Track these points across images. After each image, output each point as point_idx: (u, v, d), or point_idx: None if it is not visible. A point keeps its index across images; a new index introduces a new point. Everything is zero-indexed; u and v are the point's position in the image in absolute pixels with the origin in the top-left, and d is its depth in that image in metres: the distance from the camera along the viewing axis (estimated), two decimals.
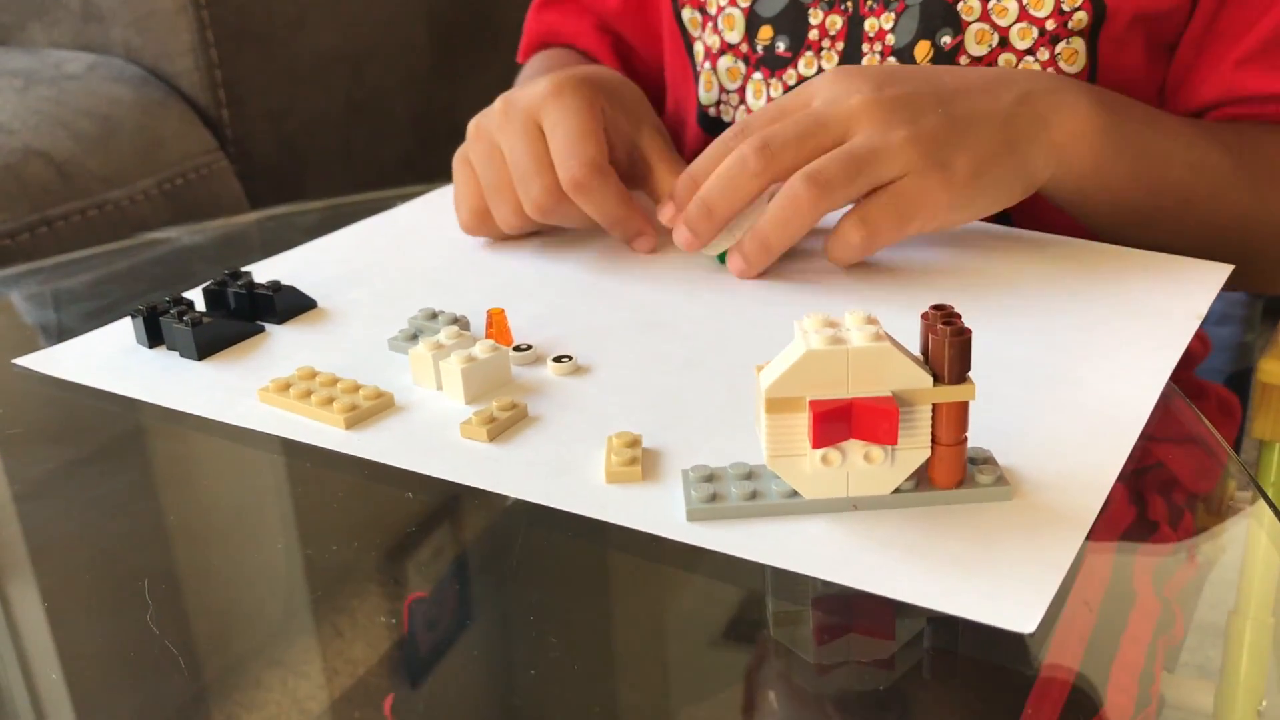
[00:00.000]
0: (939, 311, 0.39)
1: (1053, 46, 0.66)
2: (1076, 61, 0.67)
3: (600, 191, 0.60)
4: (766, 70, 0.74)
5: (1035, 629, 0.34)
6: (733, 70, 0.76)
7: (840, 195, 0.55)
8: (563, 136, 0.60)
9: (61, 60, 1.15)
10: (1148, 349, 0.51)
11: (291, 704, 0.35)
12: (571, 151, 0.60)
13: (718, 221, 0.58)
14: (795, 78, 0.73)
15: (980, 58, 0.67)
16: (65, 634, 0.39)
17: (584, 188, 0.60)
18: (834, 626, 0.37)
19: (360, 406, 0.48)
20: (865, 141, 0.55)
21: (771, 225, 0.57)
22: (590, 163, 0.60)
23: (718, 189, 0.58)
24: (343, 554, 0.41)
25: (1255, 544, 0.44)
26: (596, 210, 0.61)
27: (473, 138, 0.64)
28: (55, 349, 0.57)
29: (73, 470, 0.49)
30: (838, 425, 0.38)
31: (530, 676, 0.35)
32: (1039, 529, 0.39)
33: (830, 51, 0.72)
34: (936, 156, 0.55)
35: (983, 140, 0.57)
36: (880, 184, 0.56)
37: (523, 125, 0.62)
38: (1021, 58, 0.67)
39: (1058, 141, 0.58)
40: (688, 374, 0.51)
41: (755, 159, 0.56)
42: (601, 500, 0.42)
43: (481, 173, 0.64)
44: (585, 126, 0.60)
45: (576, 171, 0.59)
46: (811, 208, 0.55)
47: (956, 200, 0.56)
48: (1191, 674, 0.40)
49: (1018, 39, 0.67)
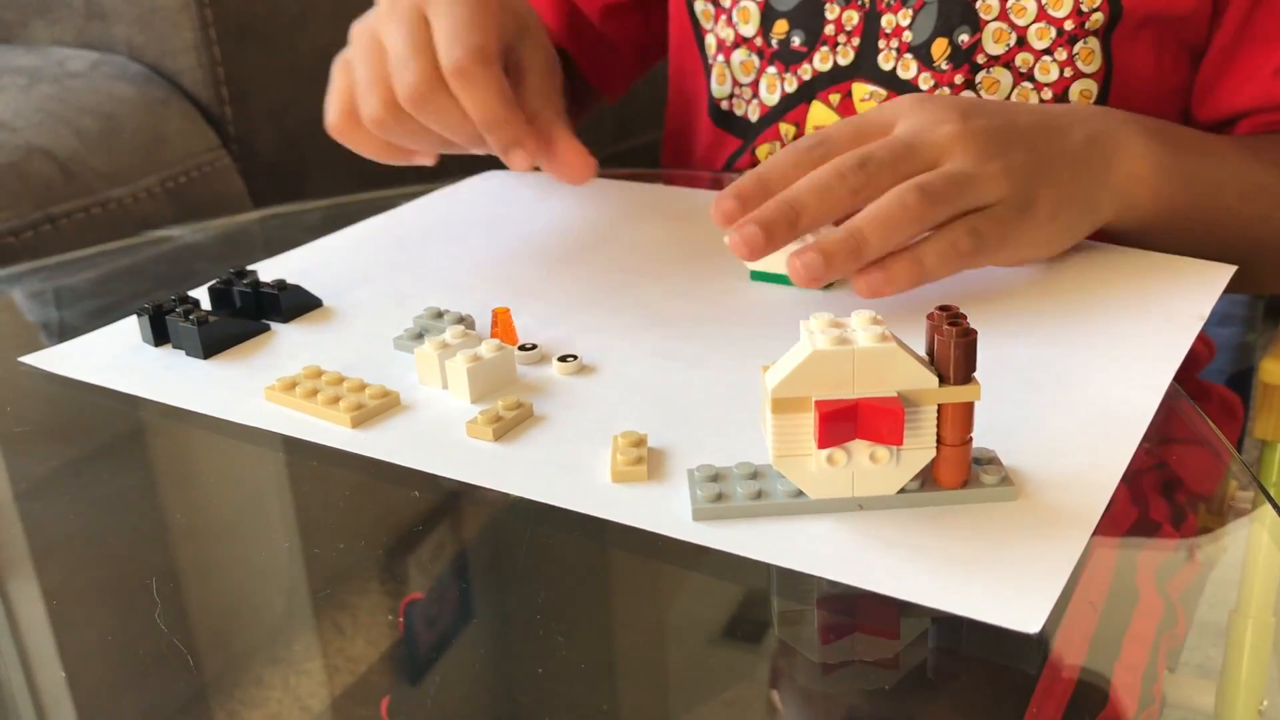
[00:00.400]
0: (945, 312, 0.39)
1: (1070, 46, 0.67)
2: (1093, 61, 0.67)
3: (482, 82, 0.57)
4: (781, 64, 0.74)
5: (1040, 629, 0.35)
6: (746, 64, 0.76)
7: (943, 211, 0.53)
8: (448, 21, 0.58)
9: (64, 58, 1.15)
10: (1151, 350, 0.51)
11: (294, 702, 0.35)
12: (456, 36, 0.57)
13: (799, 229, 0.54)
14: (810, 72, 0.73)
15: (997, 56, 0.68)
16: (69, 631, 0.39)
17: (466, 75, 0.57)
18: (839, 626, 0.37)
19: (366, 405, 0.48)
20: (963, 167, 0.54)
21: (873, 228, 0.53)
22: (476, 50, 0.57)
23: (809, 194, 0.54)
24: (348, 552, 0.42)
25: (1257, 544, 0.44)
26: (475, 104, 0.58)
27: (354, 36, 0.62)
28: (61, 347, 0.57)
29: (78, 468, 0.49)
30: (843, 425, 0.38)
31: (536, 675, 0.35)
32: (1044, 529, 0.39)
33: (846, 47, 0.72)
34: (1024, 192, 0.55)
35: (1062, 181, 0.56)
36: (974, 209, 0.54)
37: (406, 13, 0.59)
38: (1039, 57, 0.67)
39: (1120, 184, 0.58)
40: (693, 373, 0.51)
41: (854, 175, 0.53)
42: (607, 500, 0.42)
43: (357, 66, 0.60)
44: (475, 16, 0.58)
45: (460, 56, 0.56)
46: (918, 217, 0.53)
47: (1038, 239, 0.56)
48: (1193, 673, 0.40)
49: (1035, 39, 0.67)
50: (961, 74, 0.69)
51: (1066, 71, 0.67)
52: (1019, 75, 0.68)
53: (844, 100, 0.73)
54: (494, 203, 0.75)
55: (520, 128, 0.60)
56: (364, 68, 0.60)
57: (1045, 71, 0.68)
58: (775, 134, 0.76)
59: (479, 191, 0.77)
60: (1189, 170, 0.60)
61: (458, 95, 0.57)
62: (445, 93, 0.57)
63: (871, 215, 0.53)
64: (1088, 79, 0.68)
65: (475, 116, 0.58)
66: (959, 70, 0.69)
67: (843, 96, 0.73)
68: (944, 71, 0.69)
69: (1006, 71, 0.68)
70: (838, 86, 0.73)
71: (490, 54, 0.57)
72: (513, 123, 0.59)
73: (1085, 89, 0.68)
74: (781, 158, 0.56)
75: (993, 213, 0.54)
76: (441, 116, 0.59)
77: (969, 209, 0.54)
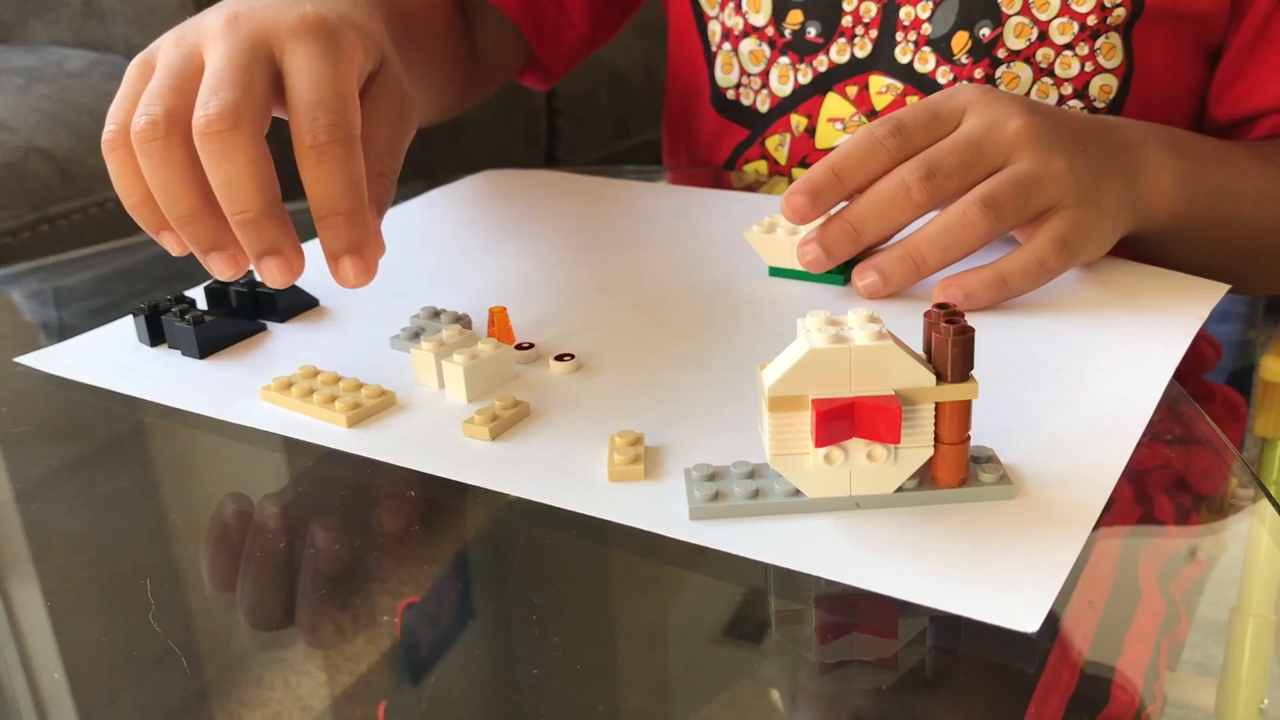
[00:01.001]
0: (942, 310, 0.39)
1: (1092, 41, 0.66)
2: (1115, 56, 0.67)
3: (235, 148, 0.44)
4: (795, 55, 0.74)
5: (1039, 628, 0.34)
6: (756, 53, 0.75)
7: (1010, 221, 0.54)
8: (223, 63, 0.46)
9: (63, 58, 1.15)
10: (1150, 349, 0.51)
11: (293, 702, 0.35)
12: (219, 87, 0.45)
13: (862, 246, 0.55)
14: (826, 64, 0.73)
15: (1018, 51, 0.67)
16: (67, 632, 0.39)
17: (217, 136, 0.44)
18: (837, 625, 0.37)
19: (363, 405, 0.48)
20: (1029, 169, 0.54)
21: (932, 247, 0.54)
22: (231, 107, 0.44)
23: (874, 214, 0.54)
24: (345, 552, 0.41)
25: (1257, 542, 0.44)
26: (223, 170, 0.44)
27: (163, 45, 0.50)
28: (57, 347, 0.57)
29: (74, 468, 0.49)
30: (840, 424, 0.38)
31: (533, 675, 0.35)
32: (1042, 528, 0.39)
33: (864, 39, 0.72)
34: (1089, 193, 0.55)
35: (1112, 185, 0.56)
36: (1041, 211, 0.54)
37: (188, 45, 0.48)
38: (1060, 52, 0.67)
39: (1145, 195, 0.58)
40: (690, 372, 0.50)
41: (921, 189, 0.53)
42: (604, 499, 0.42)
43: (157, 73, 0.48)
44: (239, 68, 0.45)
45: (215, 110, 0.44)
46: (983, 233, 0.53)
47: (1104, 240, 0.56)
48: (1193, 671, 0.40)
49: (1057, 33, 0.67)
50: (981, 68, 0.68)
51: (1087, 66, 0.67)
52: (1039, 70, 0.68)
53: (860, 93, 0.73)
54: (492, 202, 0.75)
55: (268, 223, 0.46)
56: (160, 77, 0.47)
57: (1066, 66, 0.68)
58: (786, 125, 0.76)
59: (477, 190, 0.77)
60: (1206, 181, 0.60)
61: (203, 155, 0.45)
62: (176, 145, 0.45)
63: (933, 235, 0.54)
64: (1108, 74, 0.68)
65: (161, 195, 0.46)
66: (979, 64, 0.68)
67: (859, 89, 0.73)
68: (963, 65, 0.69)
69: (1027, 66, 0.68)
70: (854, 79, 0.73)
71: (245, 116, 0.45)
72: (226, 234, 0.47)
73: (1105, 84, 0.68)
74: (856, 147, 0.55)
75: (1073, 218, 0.54)
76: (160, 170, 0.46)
77: (1035, 214, 0.54)
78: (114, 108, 0.48)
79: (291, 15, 0.47)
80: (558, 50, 0.84)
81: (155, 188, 0.46)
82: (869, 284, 0.56)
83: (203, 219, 0.46)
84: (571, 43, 0.84)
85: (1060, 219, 0.54)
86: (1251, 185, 0.63)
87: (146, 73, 0.49)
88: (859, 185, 0.55)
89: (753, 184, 0.78)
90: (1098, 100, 0.68)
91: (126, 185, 0.47)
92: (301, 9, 0.48)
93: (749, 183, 0.78)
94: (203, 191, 0.45)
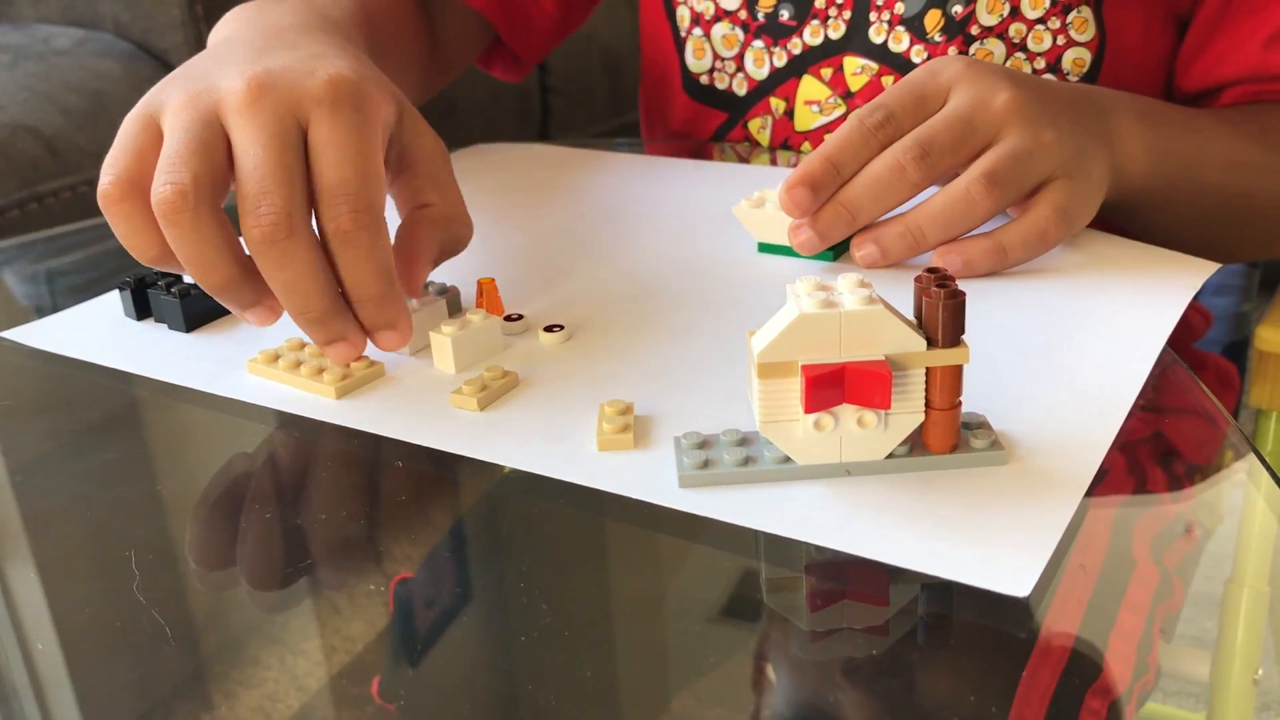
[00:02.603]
0: (933, 274, 0.39)
1: (1064, 15, 0.66)
2: (1087, 30, 0.66)
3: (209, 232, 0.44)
4: (769, 38, 0.74)
5: (1030, 593, 0.34)
6: (729, 37, 0.75)
7: (1011, 196, 0.54)
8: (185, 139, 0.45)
9: (50, 35, 1.14)
10: (1143, 316, 0.50)
11: (289, 681, 0.34)
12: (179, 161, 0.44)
13: (856, 228, 0.55)
14: (800, 46, 0.73)
15: (991, 27, 0.67)
16: (59, 610, 0.38)
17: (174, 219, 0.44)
18: (828, 592, 0.37)
19: (351, 375, 0.47)
20: (1023, 142, 0.54)
21: (934, 223, 0.54)
22: (189, 184, 0.44)
23: (869, 196, 0.54)
24: (333, 525, 0.41)
25: (1252, 513, 0.44)
26: None
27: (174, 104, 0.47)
28: (43, 322, 0.56)
29: (61, 443, 0.48)
30: (830, 390, 0.37)
31: (522, 644, 0.35)
32: (1034, 493, 0.39)
33: (837, 20, 0.71)
34: (1080, 160, 0.55)
35: (1098, 151, 0.56)
36: (1038, 184, 0.55)
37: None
38: (1032, 27, 0.67)
39: (1117, 161, 0.58)
40: (680, 341, 0.50)
41: (915, 169, 0.53)
42: (593, 468, 0.41)
43: (174, 134, 0.46)
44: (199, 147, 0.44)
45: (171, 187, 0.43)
46: (986, 211, 0.53)
47: (1095, 205, 0.56)
48: (1187, 643, 0.40)
49: (1029, 8, 0.66)
50: (955, 45, 0.68)
51: (1060, 40, 0.67)
52: (1012, 46, 0.67)
53: (835, 74, 0.72)
54: (481, 175, 0.74)
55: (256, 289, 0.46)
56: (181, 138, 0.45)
57: (1039, 41, 0.67)
58: (766, 108, 0.76)
59: (467, 164, 0.77)
60: (1174, 149, 0.61)
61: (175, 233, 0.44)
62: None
63: (936, 212, 0.54)
64: (1081, 47, 0.67)
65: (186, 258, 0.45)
66: (952, 42, 0.68)
67: (834, 70, 0.72)
68: (937, 43, 0.68)
69: (1000, 42, 0.68)
70: (829, 60, 0.72)
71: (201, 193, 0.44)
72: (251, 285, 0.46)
73: (1079, 58, 0.67)
74: (848, 138, 0.55)
75: (1068, 187, 0.54)
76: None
77: (1032, 186, 0.54)
78: (113, 159, 0.46)
79: (317, 81, 0.46)
80: (530, 39, 0.82)
81: (188, 259, 0.45)
82: (866, 254, 0.55)
83: (240, 286, 0.46)
84: (544, 30, 0.82)
85: (1057, 189, 0.54)
86: (1219, 152, 0.63)
87: (150, 129, 0.47)
88: (853, 172, 0.55)
89: (737, 158, 0.77)
90: (1071, 74, 0.68)
91: (140, 242, 0.46)
92: (325, 70, 0.46)
93: (733, 156, 0.77)
94: (238, 259, 0.45)
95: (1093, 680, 0.35)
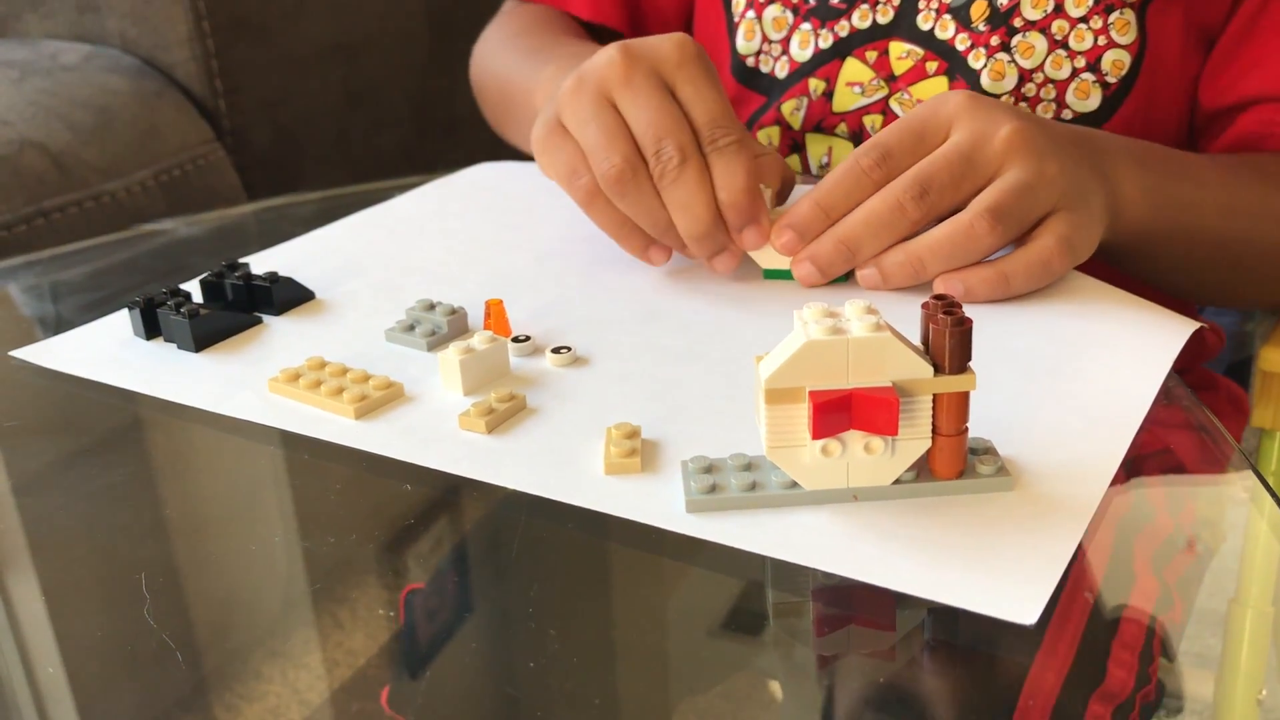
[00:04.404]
0: (940, 301, 0.39)
1: (1106, 15, 0.67)
2: (1128, 33, 0.67)
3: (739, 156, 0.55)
4: (816, 21, 0.74)
5: (1037, 621, 0.34)
6: (779, 20, 0.76)
7: (1014, 231, 0.54)
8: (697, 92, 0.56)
9: (57, 51, 1.15)
10: (1149, 340, 0.50)
11: (291, 695, 0.35)
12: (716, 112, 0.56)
13: (856, 264, 0.56)
14: (848, 29, 0.73)
15: (1034, 21, 0.68)
16: (65, 626, 0.39)
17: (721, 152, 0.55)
18: (834, 618, 0.37)
19: (370, 396, 0.47)
20: (1025, 176, 0.53)
21: (935, 255, 0.54)
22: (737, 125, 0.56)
23: (869, 233, 0.55)
24: (341, 546, 0.41)
25: (1256, 533, 0.44)
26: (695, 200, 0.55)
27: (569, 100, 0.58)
28: (52, 341, 0.56)
29: (69, 463, 0.48)
30: (838, 416, 0.38)
31: (529, 669, 0.35)
32: (1040, 520, 0.39)
33: (886, 6, 0.72)
34: (1081, 193, 0.55)
35: (1097, 187, 0.56)
36: (1041, 217, 0.54)
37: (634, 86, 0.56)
38: (1075, 25, 0.68)
39: (1114, 204, 0.58)
40: (687, 365, 0.50)
41: (915, 207, 0.54)
42: (600, 492, 0.41)
43: (587, 127, 0.57)
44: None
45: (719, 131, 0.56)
46: (990, 245, 0.53)
47: (1097, 238, 0.56)
48: (1191, 663, 0.40)
49: (1073, 6, 0.67)
50: (998, 36, 0.69)
51: (1101, 40, 0.68)
52: (1054, 42, 0.69)
53: (880, 58, 0.73)
54: (488, 194, 0.74)
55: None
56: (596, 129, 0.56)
57: (1080, 39, 0.68)
58: (804, 89, 0.76)
59: (473, 183, 0.77)
60: (1172, 194, 0.61)
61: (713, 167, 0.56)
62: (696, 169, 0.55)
63: (937, 244, 0.54)
64: (1121, 49, 0.68)
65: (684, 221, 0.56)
66: (995, 32, 0.69)
67: (879, 54, 0.73)
68: (981, 33, 0.69)
69: (1042, 37, 0.69)
70: (875, 44, 0.73)
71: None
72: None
73: (1118, 59, 0.68)
74: (840, 181, 0.55)
75: (1071, 220, 0.54)
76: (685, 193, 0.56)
77: (1035, 220, 0.54)
78: (563, 168, 0.57)
79: (671, 42, 0.57)
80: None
81: (672, 210, 0.56)
82: (867, 275, 0.56)
83: (708, 234, 0.56)
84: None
85: (1060, 220, 0.54)
86: (1215, 198, 0.63)
87: (559, 130, 0.58)
88: (846, 213, 0.56)
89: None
90: (1109, 75, 0.68)
91: (650, 219, 0.56)
92: (670, 38, 0.57)
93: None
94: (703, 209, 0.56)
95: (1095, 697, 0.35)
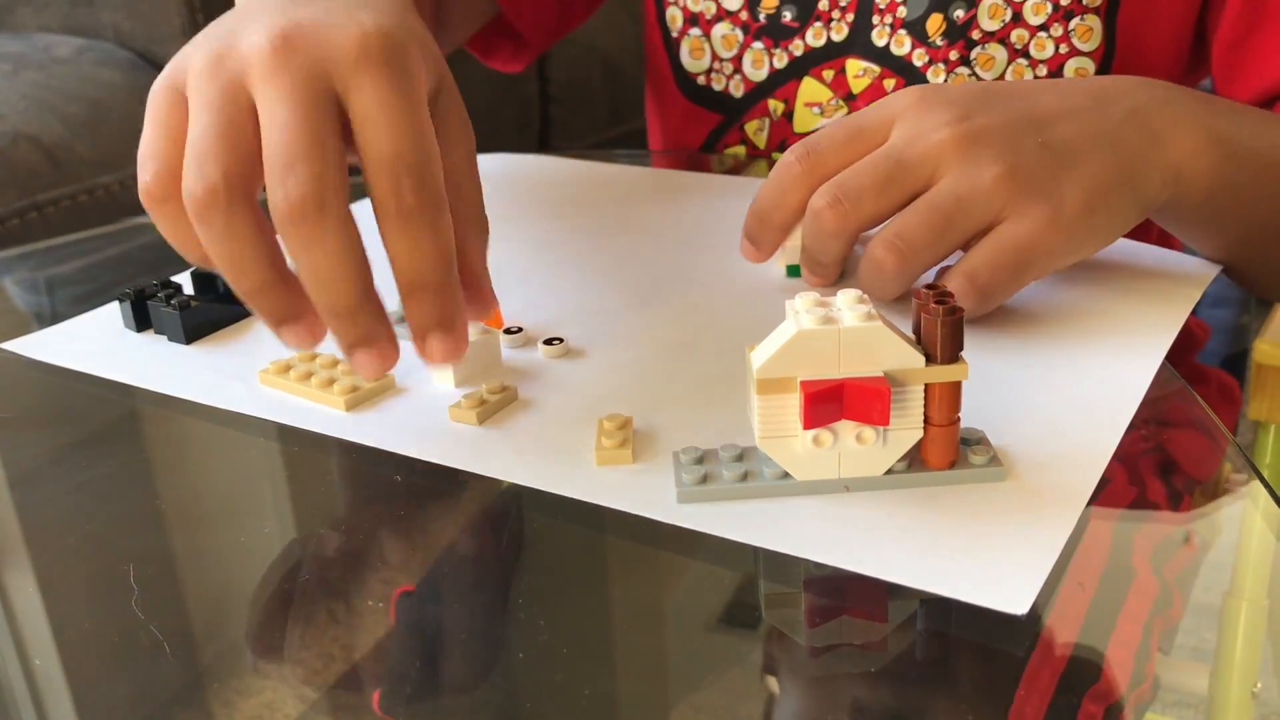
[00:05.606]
0: (931, 291, 0.39)
1: (1066, 22, 0.66)
2: (1091, 39, 0.66)
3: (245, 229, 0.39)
4: (769, 40, 0.73)
5: (1028, 611, 0.34)
6: (729, 38, 0.75)
7: (928, 258, 0.48)
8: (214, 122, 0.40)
9: (51, 44, 1.15)
10: (1142, 331, 0.50)
11: (288, 689, 0.35)
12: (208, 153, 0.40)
13: (815, 271, 0.54)
14: (802, 48, 0.72)
15: (992, 32, 0.67)
16: (58, 621, 0.39)
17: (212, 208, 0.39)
18: (826, 608, 0.37)
19: (361, 388, 0.47)
20: (951, 189, 0.48)
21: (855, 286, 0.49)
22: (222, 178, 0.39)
23: (806, 244, 0.52)
24: (333, 538, 0.41)
25: (1251, 526, 0.44)
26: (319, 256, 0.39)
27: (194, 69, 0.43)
28: (42, 333, 0.56)
29: (61, 455, 0.48)
30: (829, 406, 0.37)
31: (520, 659, 0.35)
32: (1033, 510, 0.39)
33: (840, 23, 0.71)
34: (1040, 192, 0.48)
35: (1092, 167, 0.49)
36: (976, 233, 0.48)
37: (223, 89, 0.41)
38: (1035, 33, 0.67)
39: (1174, 161, 0.52)
40: (679, 356, 0.50)
41: (830, 215, 0.49)
42: (592, 483, 0.41)
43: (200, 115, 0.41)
44: None
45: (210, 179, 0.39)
46: (896, 277, 0.48)
47: (1072, 238, 0.49)
48: (1186, 656, 0.40)
49: (1031, 14, 0.66)
50: (956, 50, 0.68)
51: (1062, 48, 0.67)
52: (1014, 51, 0.67)
53: (837, 76, 0.72)
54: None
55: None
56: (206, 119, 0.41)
57: (1041, 48, 0.67)
58: (764, 110, 0.76)
59: None
60: (1253, 145, 0.54)
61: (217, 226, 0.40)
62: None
63: (858, 277, 0.50)
64: (1084, 57, 0.67)
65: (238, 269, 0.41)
66: (954, 46, 0.68)
67: (836, 73, 0.72)
68: (938, 48, 0.68)
69: (1001, 48, 0.67)
70: (831, 63, 0.72)
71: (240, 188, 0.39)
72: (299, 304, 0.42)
73: (1081, 67, 0.67)
74: (769, 181, 0.53)
75: (999, 240, 0.48)
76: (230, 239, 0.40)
77: (967, 238, 0.49)
78: (147, 144, 0.42)
79: (351, 36, 0.40)
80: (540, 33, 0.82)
81: (220, 258, 0.40)
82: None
83: (275, 292, 0.41)
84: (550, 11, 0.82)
85: (996, 241, 0.48)
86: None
87: (177, 102, 0.42)
88: (785, 222, 0.53)
89: (733, 167, 0.77)
90: None
91: (188, 244, 0.42)
92: (360, 23, 0.41)
93: (729, 166, 0.78)
94: (273, 261, 0.40)
95: (1088, 693, 0.35)
